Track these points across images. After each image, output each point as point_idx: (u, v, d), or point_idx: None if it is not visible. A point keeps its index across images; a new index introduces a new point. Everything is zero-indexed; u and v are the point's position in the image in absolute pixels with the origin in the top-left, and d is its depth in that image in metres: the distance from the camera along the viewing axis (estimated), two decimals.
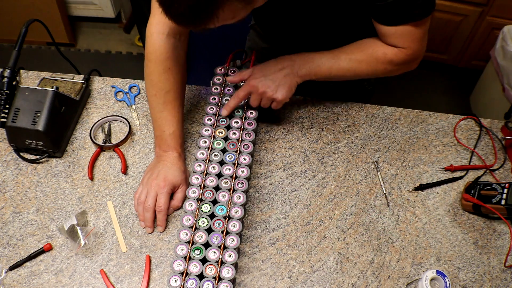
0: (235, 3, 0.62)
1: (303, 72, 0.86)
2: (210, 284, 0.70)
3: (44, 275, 0.80)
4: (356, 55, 0.86)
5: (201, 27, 0.63)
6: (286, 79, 0.86)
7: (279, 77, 0.85)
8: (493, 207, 0.85)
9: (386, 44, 0.84)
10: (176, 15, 0.61)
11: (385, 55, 0.84)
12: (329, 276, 0.81)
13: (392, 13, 0.79)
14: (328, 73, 0.87)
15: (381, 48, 0.85)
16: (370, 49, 0.86)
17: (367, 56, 0.86)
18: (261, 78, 0.85)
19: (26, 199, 0.90)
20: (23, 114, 0.89)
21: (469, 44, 2.20)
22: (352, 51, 0.87)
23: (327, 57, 0.87)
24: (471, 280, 0.82)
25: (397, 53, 0.84)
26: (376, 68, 0.87)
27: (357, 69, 0.87)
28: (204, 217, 0.77)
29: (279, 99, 0.86)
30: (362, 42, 0.87)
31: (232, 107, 0.87)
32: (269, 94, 0.85)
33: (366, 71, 0.87)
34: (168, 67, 0.87)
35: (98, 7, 2.51)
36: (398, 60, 0.85)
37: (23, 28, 0.95)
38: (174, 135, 0.88)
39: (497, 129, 1.03)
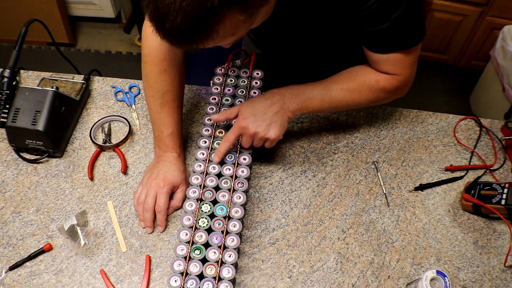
0: (237, 15, 0.56)
1: (294, 107, 0.82)
2: (210, 284, 0.70)
3: (44, 275, 0.80)
4: (348, 85, 0.84)
5: (198, 45, 0.58)
6: (277, 116, 0.80)
7: (269, 115, 0.80)
8: (493, 207, 0.85)
9: (377, 71, 0.83)
10: (171, 31, 0.55)
11: (378, 83, 0.82)
12: (329, 276, 0.81)
13: (383, 41, 0.77)
14: (320, 106, 0.84)
15: (373, 76, 0.83)
16: (362, 77, 0.83)
17: (359, 85, 0.83)
18: (250, 118, 0.80)
19: (26, 199, 0.90)
20: (23, 114, 0.89)
21: (469, 44, 2.20)
22: (343, 81, 0.84)
23: (318, 88, 0.83)
24: (471, 280, 0.82)
25: (389, 80, 0.82)
26: (369, 97, 0.84)
27: (350, 99, 0.84)
28: (204, 217, 0.77)
29: (273, 138, 0.80)
30: (353, 71, 0.85)
31: (224, 152, 0.81)
32: (261, 134, 0.80)
33: (359, 100, 0.85)
34: (164, 68, 0.86)
35: (98, 7, 2.51)
36: (391, 87, 0.83)
37: (23, 28, 0.95)
38: (173, 135, 0.88)
39: (497, 129, 1.03)
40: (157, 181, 0.85)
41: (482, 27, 2.09)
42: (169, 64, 0.87)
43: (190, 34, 0.55)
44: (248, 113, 0.80)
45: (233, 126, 0.81)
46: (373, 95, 0.84)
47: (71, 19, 2.53)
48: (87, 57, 2.50)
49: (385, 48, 0.78)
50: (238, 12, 0.56)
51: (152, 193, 0.85)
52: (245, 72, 0.95)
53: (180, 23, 0.53)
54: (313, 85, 0.84)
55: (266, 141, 0.82)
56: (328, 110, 0.86)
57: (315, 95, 0.83)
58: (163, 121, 0.88)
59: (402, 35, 0.76)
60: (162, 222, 0.85)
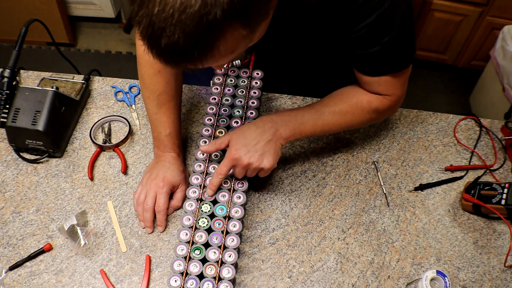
0: (239, 29, 0.52)
1: (287, 133, 0.79)
2: (210, 284, 0.70)
3: (44, 275, 0.80)
4: (340, 107, 0.82)
5: (197, 63, 0.53)
6: (270, 145, 0.77)
7: (262, 144, 0.76)
8: (493, 207, 0.85)
9: (369, 92, 0.82)
10: (168, 48, 0.50)
11: (370, 104, 0.81)
12: (329, 276, 0.81)
13: (374, 64, 0.76)
14: (313, 130, 0.81)
15: (365, 97, 0.81)
16: (354, 98, 0.82)
17: (352, 106, 0.82)
18: (242, 148, 0.76)
19: (26, 199, 0.90)
20: (23, 114, 0.89)
21: (469, 44, 2.20)
22: (335, 103, 0.82)
23: (310, 113, 0.81)
24: (471, 280, 0.82)
25: (382, 100, 0.81)
26: (361, 118, 0.83)
27: (343, 121, 0.82)
28: (204, 217, 0.77)
29: (267, 168, 0.77)
30: (344, 92, 0.84)
31: (217, 185, 0.78)
32: (255, 165, 0.76)
33: (352, 122, 0.83)
34: (157, 69, 0.85)
35: (98, 7, 2.51)
36: (383, 108, 0.82)
37: (23, 28, 0.95)
38: (171, 136, 0.88)
39: (497, 129, 1.03)
40: (156, 181, 0.85)
41: (482, 27, 2.09)
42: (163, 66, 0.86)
43: (189, 51, 0.50)
44: (240, 144, 0.77)
45: (225, 158, 0.77)
46: (366, 116, 0.83)
47: (71, 19, 2.53)
48: (87, 57, 2.50)
49: (376, 71, 0.77)
50: (241, 26, 0.52)
51: (152, 193, 0.85)
52: (245, 72, 0.95)
53: (178, 39, 0.48)
54: (304, 109, 0.82)
55: (260, 171, 0.79)
56: (321, 133, 0.85)
57: (307, 120, 0.80)
58: (161, 122, 0.88)
59: (392, 59, 0.75)
60: (162, 222, 0.85)
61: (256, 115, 0.90)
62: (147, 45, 0.52)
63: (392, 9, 0.68)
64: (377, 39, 0.72)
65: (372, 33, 0.71)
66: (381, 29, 0.70)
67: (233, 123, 0.88)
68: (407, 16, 0.71)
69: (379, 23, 0.69)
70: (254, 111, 0.90)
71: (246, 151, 0.76)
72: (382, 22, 0.69)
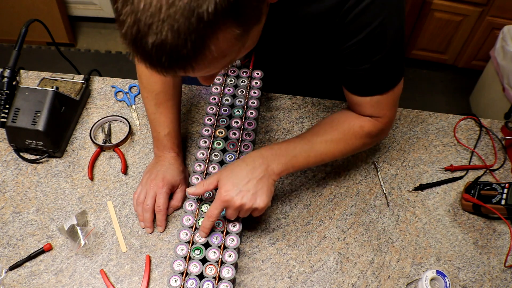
0: (233, 28, 0.49)
1: (279, 168, 0.74)
2: (210, 284, 0.70)
3: (44, 275, 0.80)
4: (332, 135, 0.79)
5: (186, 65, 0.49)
6: (262, 183, 0.72)
7: (254, 183, 0.72)
8: (493, 207, 0.85)
9: (360, 114, 0.80)
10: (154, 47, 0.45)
11: (363, 128, 0.79)
12: (329, 276, 0.81)
13: (364, 83, 0.75)
14: (306, 162, 0.77)
15: (357, 122, 0.79)
16: (346, 124, 0.79)
17: (343, 133, 0.79)
18: (233, 188, 0.71)
19: (26, 199, 0.90)
20: (23, 114, 0.89)
21: (469, 44, 2.20)
22: (326, 132, 0.79)
23: (301, 144, 0.77)
24: (471, 280, 0.82)
25: (374, 123, 0.79)
26: (355, 144, 0.80)
27: (336, 150, 0.79)
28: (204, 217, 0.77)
29: (261, 207, 0.72)
30: (334, 119, 0.81)
31: (209, 228, 0.74)
32: (248, 206, 0.71)
33: (345, 150, 0.80)
34: None
35: (98, 7, 2.51)
36: (376, 131, 0.80)
37: (23, 28, 0.95)
38: (170, 136, 0.88)
39: (497, 129, 1.03)
40: (156, 181, 0.85)
41: (482, 27, 2.09)
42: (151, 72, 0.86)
43: (179, 51, 0.46)
44: (230, 184, 0.72)
45: (215, 200, 0.73)
46: (359, 142, 0.80)
47: (71, 19, 2.53)
48: (87, 57, 2.50)
49: (366, 90, 0.75)
50: (233, 24, 0.49)
51: (152, 193, 0.85)
52: (245, 72, 0.95)
53: (167, 37, 0.44)
54: (295, 141, 0.78)
55: (253, 211, 0.74)
56: (315, 164, 0.81)
57: (299, 152, 0.76)
58: (159, 122, 0.88)
59: (383, 78, 0.74)
60: (161, 222, 0.85)
61: (256, 115, 0.90)
62: (132, 47, 0.47)
63: (382, 28, 0.67)
64: (368, 57, 0.70)
65: (362, 50, 0.70)
66: (371, 47, 0.69)
67: (233, 123, 0.88)
68: (398, 35, 0.70)
69: (368, 41, 0.68)
70: (254, 111, 0.90)
71: (237, 191, 0.71)
72: (372, 40, 0.68)
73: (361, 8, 0.65)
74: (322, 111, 1.04)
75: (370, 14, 0.66)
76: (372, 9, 0.65)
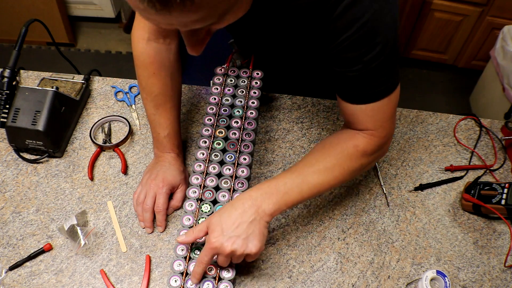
0: None
1: (271, 209, 0.69)
2: (210, 284, 0.70)
3: (44, 275, 0.80)
4: (325, 163, 0.72)
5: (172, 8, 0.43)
6: (253, 226, 0.68)
7: (244, 227, 0.67)
8: (493, 207, 0.85)
9: (355, 129, 0.74)
10: None
11: (357, 148, 0.73)
12: (329, 276, 0.81)
13: (358, 88, 0.70)
14: (300, 197, 0.71)
15: (350, 142, 0.73)
16: (338, 147, 0.74)
17: (337, 158, 0.73)
18: (222, 234, 0.67)
19: (26, 199, 0.90)
20: (23, 114, 0.89)
21: (469, 44, 2.20)
22: (318, 160, 0.73)
23: (291, 179, 0.71)
24: (471, 280, 0.82)
25: (369, 140, 0.73)
26: (351, 167, 0.73)
27: (331, 178, 0.72)
28: (204, 217, 0.77)
29: (254, 253, 0.68)
30: (326, 144, 0.76)
31: (201, 273, 0.70)
32: (239, 252, 0.67)
33: (341, 175, 0.73)
34: (153, 71, 0.85)
35: (98, 7, 2.51)
36: (372, 148, 0.74)
37: (23, 28, 0.95)
38: (170, 137, 0.88)
39: (497, 129, 1.03)
40: (156, 182, 0.85)
41: (482, 27, 2.09)
42: (158, 68, 0.85)
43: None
44: (219, 229, 0.67)
45: (205, 247, 0.69)
46: (355, 164, 0.73)
47: (71, 19, 2.53)
48: (87, 57, 2.50)
49: (359, 97, 0.70)
50: None
51: (151, 193, 0.85)
52: (245, 72, 0.95)
53: None
54: (285, 176, 0.72)
55: (246, 257, 0.70)
56: (310, 197, 0.74)
57: (290, 187, 0.70)
58: (159, 123, 0.88)
59: (377, 82, 0.68)
60: (161, 223, 0.85)
61: (256, 115, 0.90)
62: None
63: (374, 23, 0.62)
64: (359, 55, 0.66)
65: (352, 48, 0.65)
66: (362, 44, 0.64)
67: (233, 123, 0.88)
68: (391, 33, 0.65)
69: (358, 37, 0.64)
70: (254, 111, 0.90)
71: (226, 237, 0.67)
72: (362, 36, 0.64)
73: (350, 1, 0.61)
74: (322, 111, 1.04)
75: (360, 7, 0.62)
76: (362, 2, 0.61)
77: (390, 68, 0.68)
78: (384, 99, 0.70)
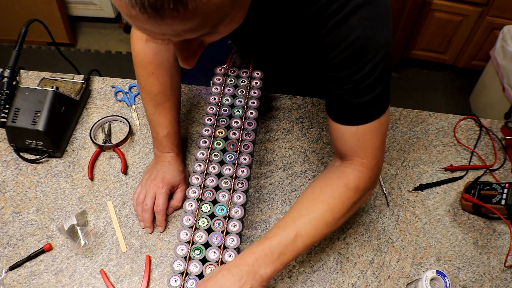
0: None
1: (267, 274, 0.66)
2: None
3: (44, 275, 0.80)
4: (317, 212, 0.70)
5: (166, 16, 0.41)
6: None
7: None
8: (493, 207, 0.85)
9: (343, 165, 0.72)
10: None
11: (347, 186, 0.70)
12: (329, 276, 0.81)
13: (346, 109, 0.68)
14: (296, 253, 0.68)
15: (340, 182, 0.71)
16: (328, 191, 0.71)
17: (328, 203, 0.70)
18: None
19: (26, 199, 0.90)
20: (23, 114, 0.89)
21: (469, 44, 2.20)
22: (308, 209, 0.70)
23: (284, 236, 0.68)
24: (471, 280, 0.82)
25: (359, 175, 0.71)
26: (344, 209, 0.70)
27: (325, 225, 0.70)
28: (204, 217, 0.77)
29: None
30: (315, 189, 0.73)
31: None
32: None
33: (335, 220, 0.70)
34: (151, 71, 0.85)
35: (98, 7, 2.51)
36: (363, 183, 0.71)
37: (23, 28, 0.95)
38: (169, 136, 0.88)
39: (497, 129, 1.03)
40: (156, 182, 0.85)
41: (482, 27, 2.09)
42: (157, 67, 0.85)
43: None
44: None
45: None
46: (347, 203, 0.70)
47: (71, 19, 2.53)
48: (87, 57, 2.50)
49: (349, 118, 0.69)
50: None
51: (151, 193, 0.85)
52: (245, 72, 0.95)
53: None
54: (277, 233, 0.68)
55: None
56: (308, 248, 0.72)
57: (284, 246, 0.67)
58: (158, 123, 0.88)
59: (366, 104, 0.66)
60: (161, 223, 0.85)
61: (256, 115, 0.90)
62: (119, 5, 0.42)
63: (363, 42, 0.61)
64: (348, 74, 0.64)
65: (342, 66, 0.64)
66: (351, 62, 0.63)
67: (233, 123, 0.88)
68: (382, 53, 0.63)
69: (348, 55, 0.62)
70: (254, 111, 0.90)
71: None
72: (352, 54, 0.62)
73: (340, 17, 0.60)
74: (322, 111, 1.04)
75: (349, 26, 0.60)
76: (352, 20, 0.60)
77: (381, 89, 0.66)
78: (375, 122, 0.68)
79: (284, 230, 0.69)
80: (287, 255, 0.68)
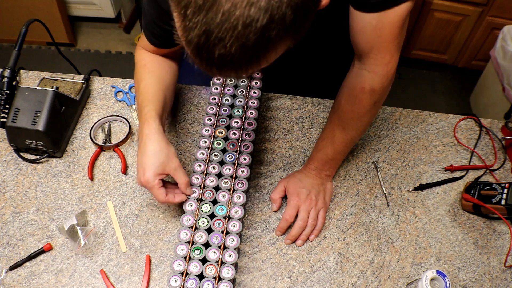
0: (288, 42, 0.52)
1: (328, 173, 0.90)
2: (210, 284, 0.70)
3: (44, 275, 0.80)
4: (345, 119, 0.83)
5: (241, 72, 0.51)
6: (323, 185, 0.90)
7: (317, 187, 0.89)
8: (493, 207, 0.85)
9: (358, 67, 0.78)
10: (220, 57, 0.48)
11: (364, 89, 0.78)
12: (329, 276, 0.81)
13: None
14: (343, 154, 0.89)
15: (356, 86, 0.78)
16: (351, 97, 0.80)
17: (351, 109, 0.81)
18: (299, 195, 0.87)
19: (26, 199, 0.90)
20: (23, 114, 0.89)
21: (469, 44, 2.20)
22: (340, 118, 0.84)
23: (327, 143, 0.86)
24: (471, 280, 0.82)
25: (373, 77, 0.77)
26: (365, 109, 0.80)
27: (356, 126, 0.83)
28: (204, 217, 0.77)
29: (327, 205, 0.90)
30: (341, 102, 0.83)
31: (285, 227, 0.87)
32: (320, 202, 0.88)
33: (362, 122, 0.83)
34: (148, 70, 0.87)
35: (98, 7, 2.51)
36: (379, 83, 0.77)
37: (23, 28, 0.95)
38: (151, 109, 0.79)
39: (497, 129, 1.03)
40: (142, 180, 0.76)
41: (482, 27, 2.09)
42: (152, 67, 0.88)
43: (242, 62, 0.49)
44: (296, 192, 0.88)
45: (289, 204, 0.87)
46: (367, 103, 0.79)
47: (71, 19, 2.53)
48: (87, 57, 2.50)
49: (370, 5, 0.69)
50: (290, 40, 0.52)
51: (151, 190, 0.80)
52: None
53: (236, 51, 0.47)
54: (322, 144, 0.88)
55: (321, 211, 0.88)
56: (350, 148, 0.89)
57: (330, 151, 0.87)
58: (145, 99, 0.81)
59: None
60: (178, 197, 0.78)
61: (256, 115, 0.90)
62: (194, 52, 0.49)
63: None
64: None
65: None
66: None
67: (233, 123, 0.88)
68: None
69: None
70: (254, 111, 0.90)
71: (305, 195, 0.87)
72: None
73: None
74: (322, 111, 1.04)
75: None
76: None
77: None
78: (394, 9, 0.68)
79: (324, 140, 0.87)
80: (337, 158, 0.89)
